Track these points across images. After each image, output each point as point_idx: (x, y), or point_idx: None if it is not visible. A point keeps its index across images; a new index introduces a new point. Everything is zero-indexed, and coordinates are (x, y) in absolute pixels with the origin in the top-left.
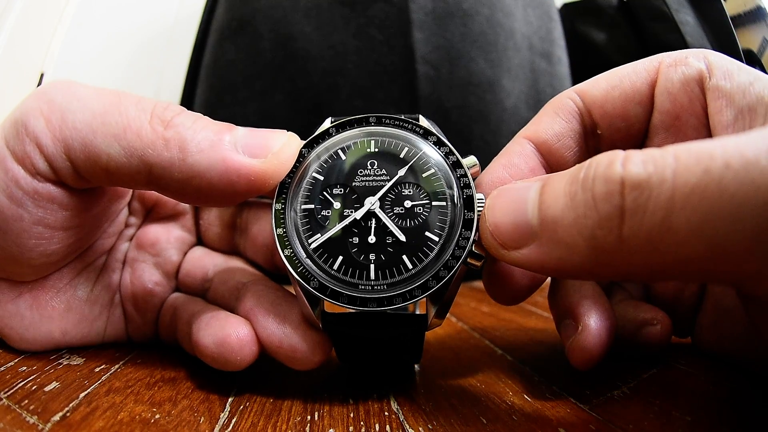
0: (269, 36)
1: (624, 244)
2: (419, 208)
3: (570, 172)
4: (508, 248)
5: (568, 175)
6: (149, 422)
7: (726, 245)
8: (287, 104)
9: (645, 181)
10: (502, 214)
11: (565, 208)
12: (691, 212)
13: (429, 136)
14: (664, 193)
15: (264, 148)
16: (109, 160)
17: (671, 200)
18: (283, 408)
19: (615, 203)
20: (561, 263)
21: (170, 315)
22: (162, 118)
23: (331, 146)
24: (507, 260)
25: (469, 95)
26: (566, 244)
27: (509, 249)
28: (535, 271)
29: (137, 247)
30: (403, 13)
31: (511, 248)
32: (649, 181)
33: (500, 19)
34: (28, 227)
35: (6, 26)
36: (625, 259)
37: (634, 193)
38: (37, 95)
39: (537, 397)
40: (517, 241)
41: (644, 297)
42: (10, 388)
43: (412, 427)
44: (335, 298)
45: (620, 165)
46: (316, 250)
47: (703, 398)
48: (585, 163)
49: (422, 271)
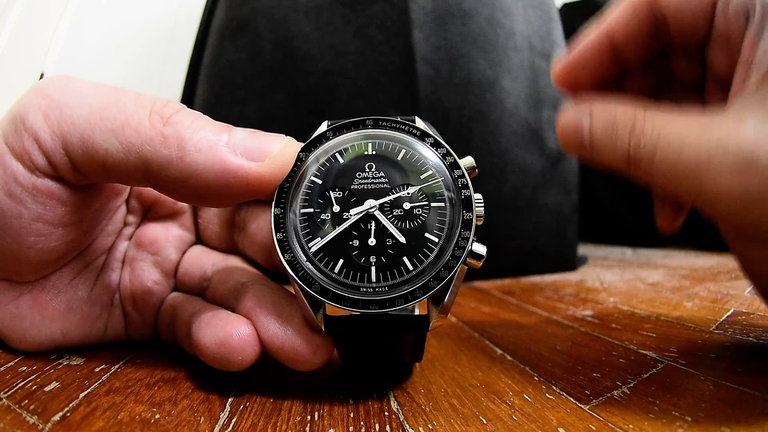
0: (269, 36)
1: (630, 168)
2: (418, 209)
3: (605, 120)
4: (574, 152)
5: (605, 124)
6: (149, 422)
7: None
8: (287, 104)
9: (637, 156)
10: (570, 137)
11: (603, 147)
12: (661, 170)
13: (426, 138)
14: (646, 161)
15: (262, 151)
16: (106, 155)
17: (651, 165)
18: (283, 408)
19: (624, 159)
20: (605, 166)
21: (169, 314)
22: (161, 115)
23: (329, 149)
24: (575, 155)
25: (469, 95)
26: (605, 163)
27: (575, 152)
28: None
29: (136, 246)
30: (403, 13)
31: (576, 152)
32: (637, 153)
33: (500, 19)
34: (27, 224)
35: (6, 26)
36: (633, 173)
37: (634, 156)
38: (35, 91)
39: (537, 397)
40: (581, 154)
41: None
42: (10, 388)
43: (412, 427)
44: (337, 302)
45: (627, 143)
46: (316, 253)
47: (703, 398)
48: (616, 119)
49: (423, 272)
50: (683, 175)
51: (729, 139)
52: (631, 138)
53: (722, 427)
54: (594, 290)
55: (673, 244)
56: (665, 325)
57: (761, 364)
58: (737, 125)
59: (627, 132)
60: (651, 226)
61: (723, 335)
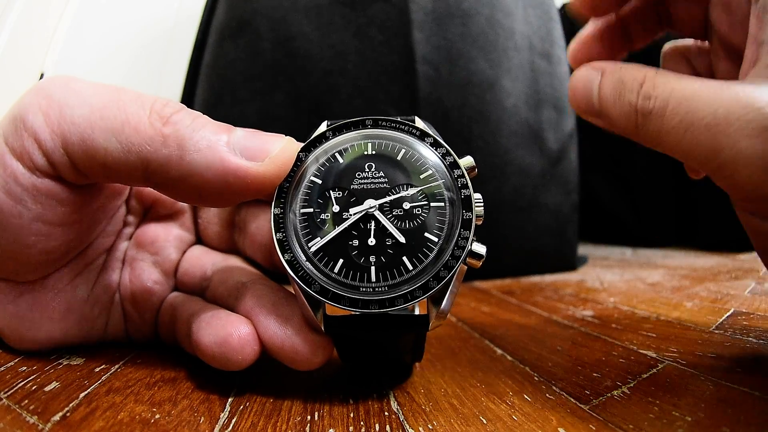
0: (269, 36)
1: (638, 127)
2: (418, 209)
3: (615, 77)
4: (583, 112)
5: (614, 80)
6: (149, 422)
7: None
8: (287, 104)
9: (645, 108)
10: (579, 95)
11: (611, 104)
12: (672, 125)
13: (426, 138)
14: (657, 117)
15: (262, 151)
16: (106, 155)
17: (661, 122)
18: (283, 408)
19: (632, 112)
20: (611, 128)
21: (169, 314)
22: (161, 115)
23: (329, 149)
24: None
25: (469, 95)
26: (613, 121)
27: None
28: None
29: (136, 246)
30: (403, 13)
31: (586, 114)
32: (646, 106)
33: (500, 19)
34: (27, 224)
35: (6, 26)
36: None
37: (642, 110)
38: (35, 90)
39: (537, 397)
40: (589, 113)
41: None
42: (10, 388)
43: (412, 427)
44: (337, 301)
45: (636, 95)
46: (316, 253)
47: (703, 398)
48: (625, 76)
49: (422, 271)
50: (698, 132)
51: (749, 98)
52: (640, 91)
53: (722, 427)
54: (594, 290)
55: (673, 244)
56: (665, 325)
57: (761, 364)
58: (756, 89)
59: (637, 85)
60: (651, 226)
61: (723, 335)
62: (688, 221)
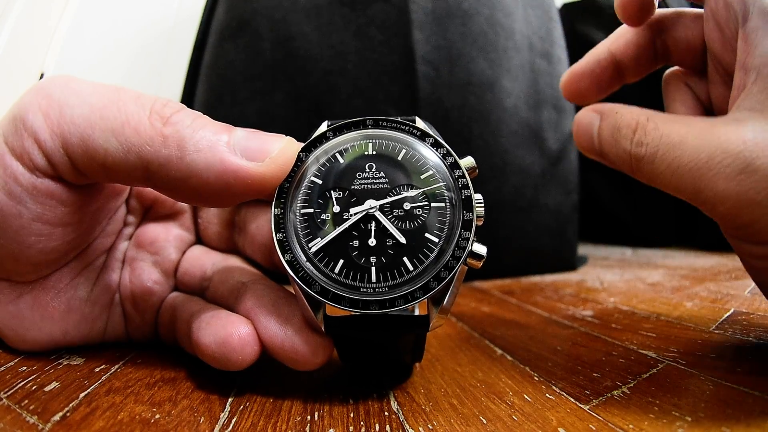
0: (269, 36)
1: (633, 168)
2: (418, 209)
3: (611, 122)
4: (587, 152)
5: (611, 126)
6: (149, 422)
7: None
8: (287, 104)
9: (638, 155)
10: (582, 137)
11: (609, 147)
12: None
13: (426, 138)
14: (648, 161)
15: (262, 151)
16: (106, 155)
17: (652, 165)
18: (283, 408)
19: (627, 157)
20: (613, 167)
21: (169, 314)
22: (161, 115)
23: (329, 149)
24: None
25: (469, 95)
26: (613, 163)
27: (588, 153)
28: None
29: (136, 246)
30: (403, 13)
31: (590, 154)
32: (639, 153)
33: (500, 19)
34: (27, 224)
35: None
36: (636, 173)
37: (636, 156)
38: (35, 90)
39: (537, 397)
40: (592, 153)
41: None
42: (10, 388)
43: (412, 427)
44: (337, 302)
45: (630, 142)
46: (316, 254)
47: (703, 398)
48: (620, 122)
49: (423, 272)
50: (684, 175)
51: (728, 143)
52: (633, 138)
53: (722, 427)
54: (594, 290)
55: (673, 244)
56: (665, 325)
57: (761, 364)
58: (736, 129)
59: (630, 132)
60: (651, 226)
61: (723, 335)
62: (688, 221)
